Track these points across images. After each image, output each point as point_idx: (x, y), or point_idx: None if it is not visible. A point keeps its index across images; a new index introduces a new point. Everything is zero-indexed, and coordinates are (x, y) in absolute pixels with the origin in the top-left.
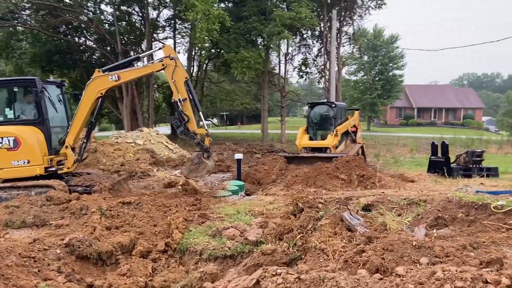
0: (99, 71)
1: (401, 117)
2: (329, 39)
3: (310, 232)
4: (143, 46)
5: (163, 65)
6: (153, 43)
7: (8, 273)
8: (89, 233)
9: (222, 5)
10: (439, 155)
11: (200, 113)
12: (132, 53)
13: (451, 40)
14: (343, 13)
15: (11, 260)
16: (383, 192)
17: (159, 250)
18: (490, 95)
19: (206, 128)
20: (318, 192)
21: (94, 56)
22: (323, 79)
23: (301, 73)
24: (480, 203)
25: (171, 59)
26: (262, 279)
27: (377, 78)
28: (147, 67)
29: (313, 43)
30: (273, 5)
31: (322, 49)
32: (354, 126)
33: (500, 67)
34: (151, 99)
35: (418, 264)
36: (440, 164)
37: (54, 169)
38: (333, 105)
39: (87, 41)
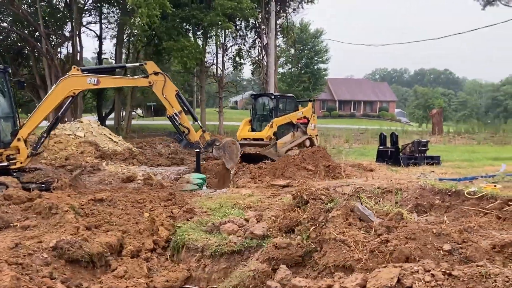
0: (77, 69)
1: (324, 109)
2: (264, 31)
3: (323, 224)
4: (67, 30)
5: (149, 82)
6: (81, 28)
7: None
8: (70, 234)
9: None
10: (388, 145)
11: (198, 122)
12: (53, 37)
13: (365, 37)
14: (278, 6)
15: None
16: (353, 182)
17: (148, 249)
18: (399, 89)
19: (201, 125)
20: (290, 183)
21: (9, 39)
22: (257, 70)
23: (235, 64)
24: (454, 189)
25: (156, 74)
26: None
27: (303, 71)
28: (131, 80)
29: (246, 34)
30: None
31: (257, 41)
32: (305, 117)
33: (407, 64)
34: None
35: (441, 251)
36: (388, 153)
37: (4, 164)
38: (273, 97)
39: (1, 22)
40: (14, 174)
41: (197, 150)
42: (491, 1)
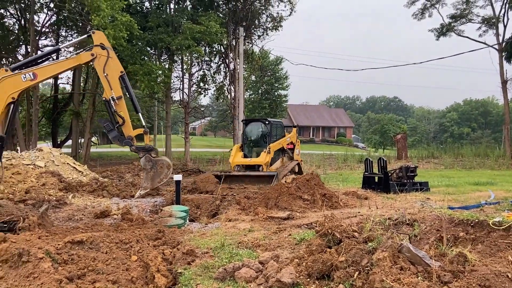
0: (6, 70)
1: None
2: (231, 57)
3: (368, 269)
4: (20, 53)
5: (92, 55)
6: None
7: None
8: None
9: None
10: (374, 171)
11: (140, 114)
12: (4, 60)
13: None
14: (244, 33)
15: None
16: (358, 212)
17: None
18: (353, 115)
19: (144, 125)
20: (291, 215)
21: None
22: (221, 96)
23: (199, 90)
24: (476, 220)
25: (103, 49)
26: None
27: (264, 98)
28: (72, 59)
29: (211, 60)
30: (180, 16)
31: (221, 66)
32: (291, 143)
33: (359, 91)
34: (35, 113)
35: None
36: (375, 180)
37: None
38: (267, 122)
39: None
40: None
41: (130, 147)
42: (445, 32)
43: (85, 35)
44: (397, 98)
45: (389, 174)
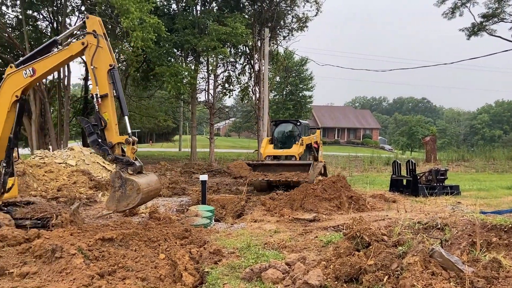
0: (11, 67)
1: None
2: (256, 58)
3: (398, 273)
4: None
5: (83, 44)
6: None
7: None
8: (83, 284)
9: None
10: (402, 173)
11: (126, 117)
12: None
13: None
14: (270, 33)
15: None
16: (386, 216)
17: None
18: (379, 117)
19: (130, 133)
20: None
21: None
22: (246, 97)
23: (224, 91)
24: (510, 225)
25: (95, 37)
26: None
27: (288, 99)
28: (64, 50)
29: (236, 61)
30: (205, 18)
31: (246, 67)
32: (316, 143)
33: (385, 92)
34: (67, 114)
35: None
36: (403, 183)
37: None
38: (298, 123)
39: None
40: (5, 209)
41: (106, 155)
42: (476, 32)
43: (81, 22)
44: (426, 99)
45: (418, 177)
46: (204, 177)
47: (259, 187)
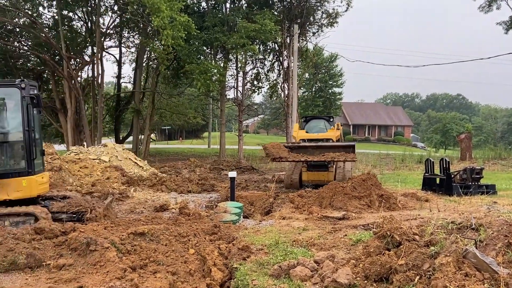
0: None
1: None
2: (285, 55)
3: (429, 273)
4: (87, 54)
5: None
6: (102, 52)
7: None
8: (117, 277)
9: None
10: (435, 172)
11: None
12: (72, 61)
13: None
14: (299, 30)
15: None
16: (418, 215)
17: None
18: (412, 114)
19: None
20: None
21: (28, 64)
22: (275, 94)
23: (253, 88)
24: None
25: None
26: None
27: (317, 95)
28: None
29: (265, 58)
30: (235, 16)
31: (275, 64)
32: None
33: (418, 88)
34: (100, 111)
35: None
36: (436, 181)
37: None
38: (332, 119)
39: (21, 46)
40: (42, 203)
41: None
42: None
43: None
44: (461, 95)
45: (452, 175)
46: (233, 173)
47: (289, 183)
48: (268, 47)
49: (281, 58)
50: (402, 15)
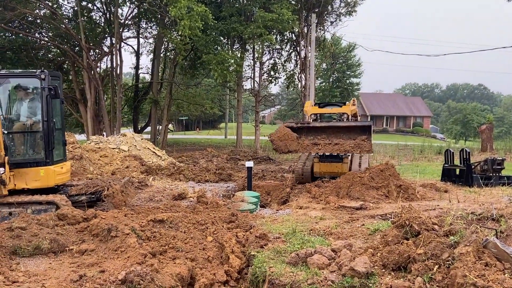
0: None
1: None
2: (302, 45)
3: (449, 263)
4: (106, 45)
5: None
6: (121, 43)
7: None
8: (137, 262)
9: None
10: (455, 163)
11: None
12: (91, 52)
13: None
14: (316, 19)
15: None
16: (437, 205)
17: (220, 281)
18: (431, 104)
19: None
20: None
21: (49, 55)
22: (292, 84)
23: (270, 78)
24: None
25: None
26: None
27: (335, 86)
28: None
29: (282, 48)
30: (252, 5)
31: (292, 54)
32: None
33: (438, 78)
34: (119, 101)
35: None
36: (456, 172)
37: None
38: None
39: (42, 37)
40: (61, 191)
41: None
42: None
43: None
44: (482, 85)
45: (473, 166)
46: (250, 163)
47: (301, 177)
48: (285, 37)
49: (298, 48)
50: (419, 3)
